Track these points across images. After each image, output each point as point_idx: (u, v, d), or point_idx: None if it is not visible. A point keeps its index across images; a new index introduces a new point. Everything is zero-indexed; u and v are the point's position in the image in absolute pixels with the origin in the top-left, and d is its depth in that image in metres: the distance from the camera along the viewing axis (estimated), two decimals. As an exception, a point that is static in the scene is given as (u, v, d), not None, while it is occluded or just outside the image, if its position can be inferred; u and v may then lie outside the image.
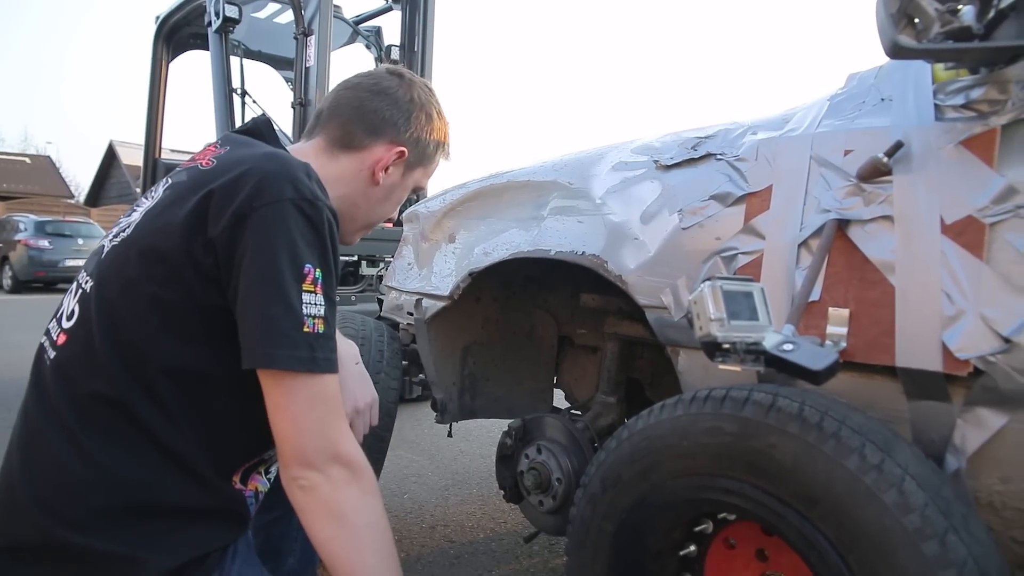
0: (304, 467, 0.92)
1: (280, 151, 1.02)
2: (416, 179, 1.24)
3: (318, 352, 0.92)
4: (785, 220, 1.14)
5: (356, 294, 3.86)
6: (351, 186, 1.17)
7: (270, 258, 0.90)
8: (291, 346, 0.90)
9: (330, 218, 0.96)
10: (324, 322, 0.93)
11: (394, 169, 1.19)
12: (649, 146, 1.43)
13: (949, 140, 0.99)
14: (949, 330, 0.93)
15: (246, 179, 0.93)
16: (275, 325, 0.90)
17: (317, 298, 0.92)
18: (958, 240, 0.95)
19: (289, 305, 0.90)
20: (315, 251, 0.93)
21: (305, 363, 0.91)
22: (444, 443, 3.29)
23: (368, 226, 1.26)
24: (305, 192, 0.94)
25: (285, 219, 0.92)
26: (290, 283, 0.90)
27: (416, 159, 1.21)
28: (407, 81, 1.21)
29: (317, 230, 0.94)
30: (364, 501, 0.96)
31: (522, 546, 2.18)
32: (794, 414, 0.93)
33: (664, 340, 1.28)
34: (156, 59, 4.94)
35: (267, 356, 0.90)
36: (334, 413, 0.95)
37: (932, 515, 0.82)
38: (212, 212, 0.93)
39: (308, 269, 0.92)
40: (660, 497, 1.08)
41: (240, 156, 1.00)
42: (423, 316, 1.79)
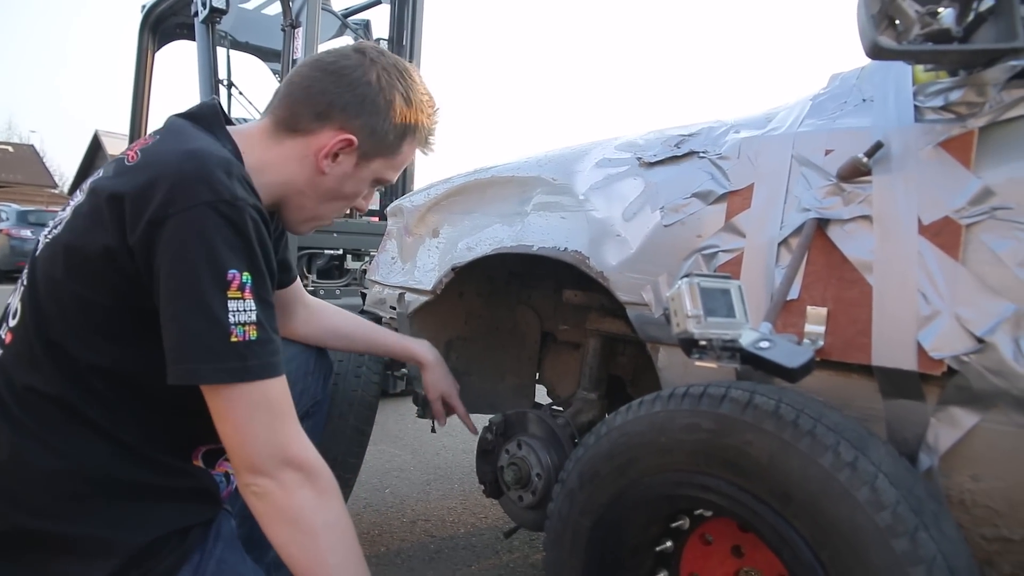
0: (254, 474, 0.90)
1: (204, 147, 0.94)
2: (376, 171, 1.13)
3: (250, 360, 0.88)
4: (766, 219, 1.14)
5: (341, 288, 3.84)
6: (294, 172, 1.08)
7: (188, 268, 0.85)
8: (216, 359, 0.86)
9: (255, 216, 0.90)
10: (257, 327, 0.88)
11: (344, 158, 1.09)
12: (633, 143, 1.44)
13: (928, 141, 1.00)
14: (924, 330, 0.94)
15: (160, 183, 0.87)
16: (197, 340, 0.86)
17: (246, 303, 0.88)
18: (935, 241, 0.96)
19: (212, 317, 0.85)
20: (239, 254, 0.88)
21: (235, 374, 0.87)
22: (426, 438, 3.28)
23: (319, 218, 1.17)
24: (223, 193, 0.87)
25: (202, 224, 0.86)
26: (211, 293, 0.85)
27: (372, 149, 1.10)
28: (369, 60, 1.09)
29: (240, 232, 0.88)
30: (320, 502, 0.93)
31: (502, 541, 2.18)
32: (770, 411, 0.94)
33: (644, 337, 1.29)
34: (142, 49, 4.90)
35: (190, 372, 0.87)
36: (280, 416, 0.92)
37: (903, 512, 0.82)
38: (128, 217, 0.88)
39: (232, 275, 0.87)
40: (637, 493, 1.09)
41: (160, 153, 0.94)
42: (406, 310, 1.79)
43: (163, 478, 0.96)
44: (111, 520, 0.93)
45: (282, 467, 0.90)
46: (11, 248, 12.27)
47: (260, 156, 1.05)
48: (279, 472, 0.90)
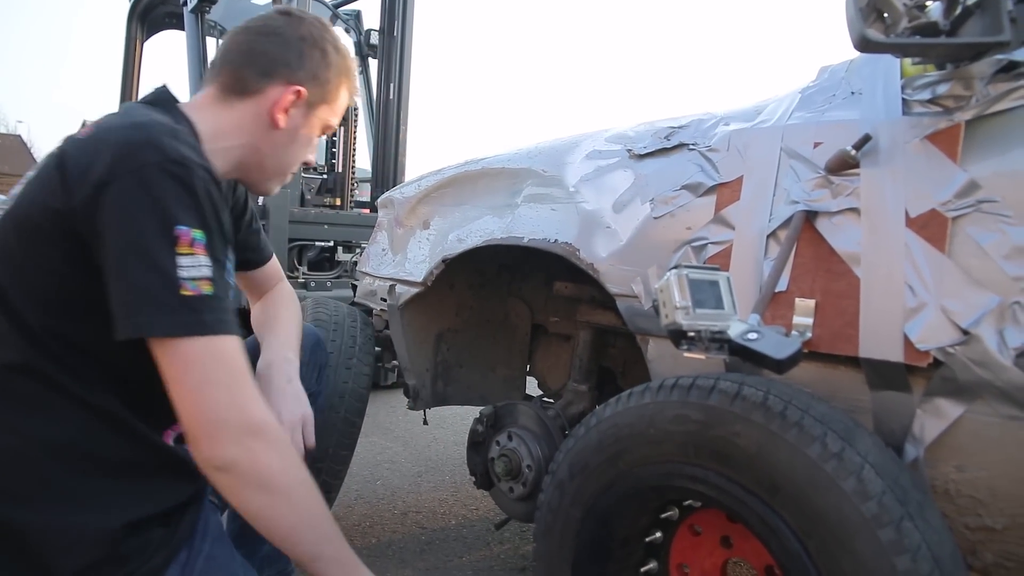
0: (216, 445, 0.88)
1: (152, 119, 0.95)
2: (323, 118, 1.18)
3: (205, 314, 0.87)
4: (755, 211, 1.15)
5: (332, 280, 3.83)
6: (251, 133, 1.11)
7: (135, 226, 0.85)
8: (169, 311, 0.85)
9: (204, 176, 0.91)
10: (211, 283, 0.88)
11: (295, 111, 1.13)
12: (623, 135, 1.44)
13: (915, 134, 1.00)
14: (911, 322, 0.95)
15: (106, 148, 0.88)
16: (147, 292, 0.85)
17: (198, 259, 0.87)
18: (922, 233, 0.97)
19: (162, 271, 0.85)
20: (190, 212, 0.88)
21: (189, 326, 0.86)
22: (418, 430, 3.29)
23: (281, 173, 1.19)
24: (170, 153, 0.88)
25: (149, 184, 0.86)
26: (160, 248, 0.85)
27: (318, 96, 1.15)
28: (296, 18, 1.16)
29: (189, 189, 0.88)
30: (286, 462, 0.92)
31: (493, 532, 2.19)
32: (758, 403, 0.94)
33: (634, 328, 1.29)
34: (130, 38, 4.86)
35: (139, 324, 0.85)
36: (237, 378, 0.90)
37: (889, 502, 0.83)
38: (73, 181, 0.88)
39: (182, 231, 0.86)
40: (627, 484, 1.09)
41: (109, 124, 0.95)
42: (396, 302, 1.79)
43: (134, 451, 0.94)
44: (81, 502, 0.91)
45: (245, 435, 0.88)
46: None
47: (214, 124, 1.08)
48: (243, 440, 0.88)
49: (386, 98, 4.09)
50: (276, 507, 0.90)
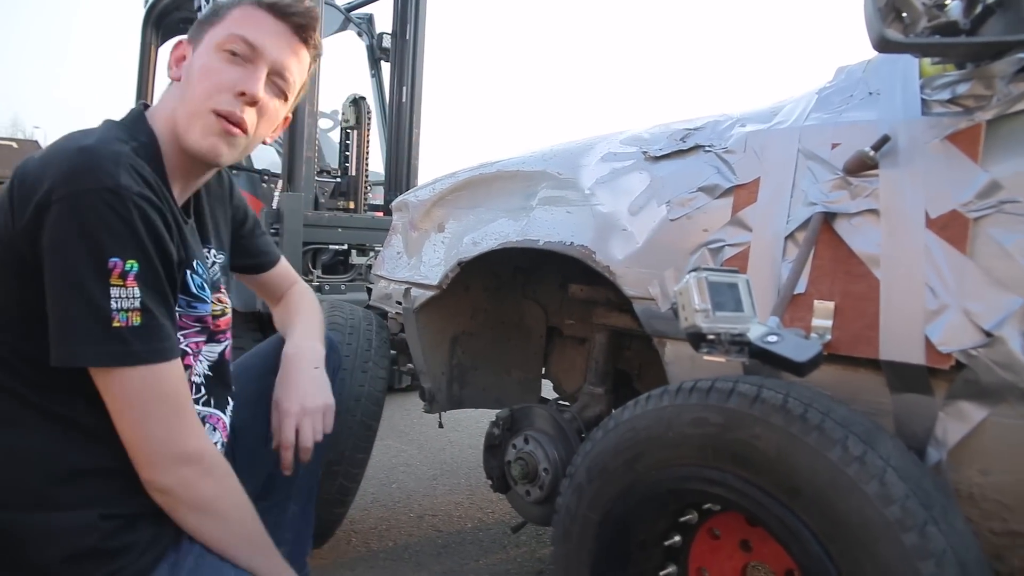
0: (154, 472, 0.93)
1: (99, 141, 0.94)
2: (211, 39, 1.07)
3: (134, 345, 0.89)
4: (772, 212, 1.14)
5: (346, 283, 3.84)
6: (167, 101, 1.08)
7: (69, 256, 0.87)
8: (96, 342, 0.88)
9: (140, 204, 0.90)
10: (140, 313, 0.89)
11: (187, 58, 1.08)
12: (638, 137, 1.44)
13: (935, 135, 1.00)
14: (932, 324, 0.94)
15: (49, 170, 0.89)
16: (77, 323, 0.88)
17: (128, 291, 0.89)
18: (942, 234, 0.96)
19: (92, 302, 0.87)
20: (122, 242, 0.89)
21: (117, 357, 0.89)
22: (433, 433, 3.29)
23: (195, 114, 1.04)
24: (106, 181, 0.88)
25: (84, 212, 0.87)
26: (92, 280, 0.87)
27: (200, 31, 1.09)
28: None
29: (124, 218, 0.88)
30: (221, 488, 0.98)
31: (509, 536, 2.18)
32: (778, 406, 0.94)
33: (651, 331, 1.29)
34: (145, 44, 4.89)
35: (71, 354, 0.88)
36: (174, 408, 0.94)
37: (912, 506, 0.83)
38: (18, 202, 0.90)
39: (114, 263, 0.88)
40: (645, 487, 1.09)
41: (57, 147, 0.95)
42: (412, 305, 1.79)
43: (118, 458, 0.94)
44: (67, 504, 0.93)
45: (179, 464, 0.93)
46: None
47: (157, 115, 1.08)
48: (177, 469, 0.93)
49: (399, 101, 4.11)
50: (210, 527, 0.97)
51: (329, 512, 1.73)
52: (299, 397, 1.23)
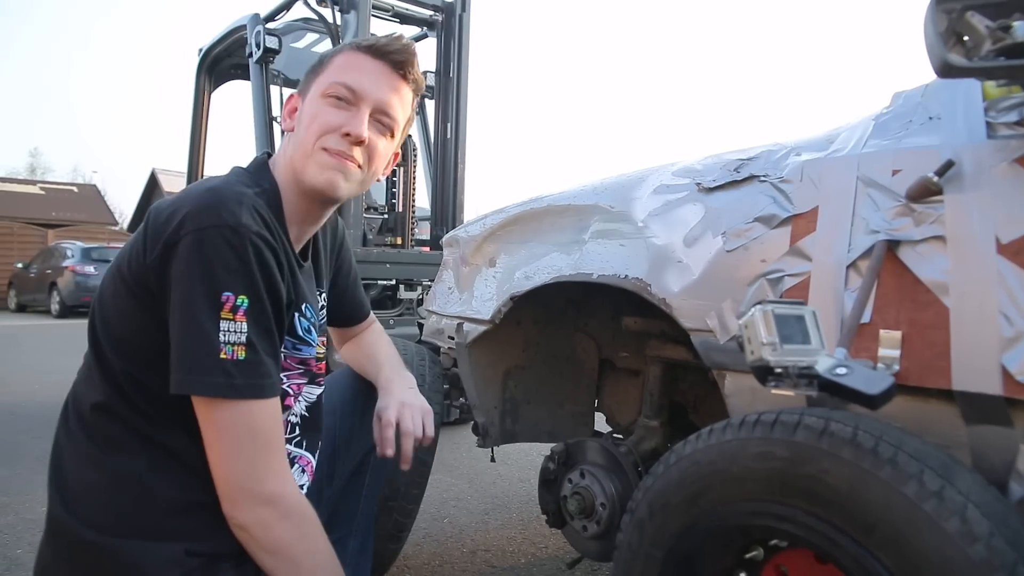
0: (232, 507, 0.96)
1: (227, 184, 1.02)
2: (317, 89, 1.13)
3: (237, 379, 0.93)
4: (832, 241, 1.12)
5: (394, 318, 3.88)
6: (286, 149, 1.15)
7: (187, 287, 0.93)
8: (204, 372, 0.92)
9: (257, 243, 0.96)
10: (245, 348, 0.94)
11: (296, 111, 1.16)
12: (691, 168, 1.43)
13: (1003, 158, 0.97)
14: (1009, 352, 0.91)
15: (178, 211, 0.96)
16: (189, 352, 0.92)
17: (236, 325, 0.93)
18: (1015, 260, 0.93)
19: (201, 333, 0.92)
20: (237, 277, 0.94)
21: (220, 388, 0.93)
22: (483, 467, 3.28)
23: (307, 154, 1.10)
24: (228, 219, 0.94)
25: (204, 247, 0.93)
26: (203, 312, 0.92)
27: (308, 82, 1.15)
28: None
29: (239, 255, 0.94)
30: (298, 534, 0.99)
31: (564, 572, 2.15)
32: (847, 439, 0.91)
33: (710, 363, 1.27)
34: (199, 90, 5.08)
35: (182, 382, 0.93)
36: (264, 447, 0.97)
37: (999, 545, 0.79)
38: (150, 239, 0.97)
39: (227, 297, 0.93)
40: (709, 523, 1.06)
41: (192, 188, 1.03)
42: (464, 340, 1.80)
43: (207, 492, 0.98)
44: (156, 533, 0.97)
45: (257, 504, 0.96)
46: (76, 284, 12.76)
47: (278, 163, 1.15)
48: (256, 509, 0.96)
49: (443, 137, 4.17)
50: (283, 570, 0.98)
51: (384, 547, 1.73)
52: (398, 401, 1.28)
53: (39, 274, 14.12)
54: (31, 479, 2.90)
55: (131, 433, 0.99)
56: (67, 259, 13.34)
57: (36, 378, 5.67)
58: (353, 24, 3.63)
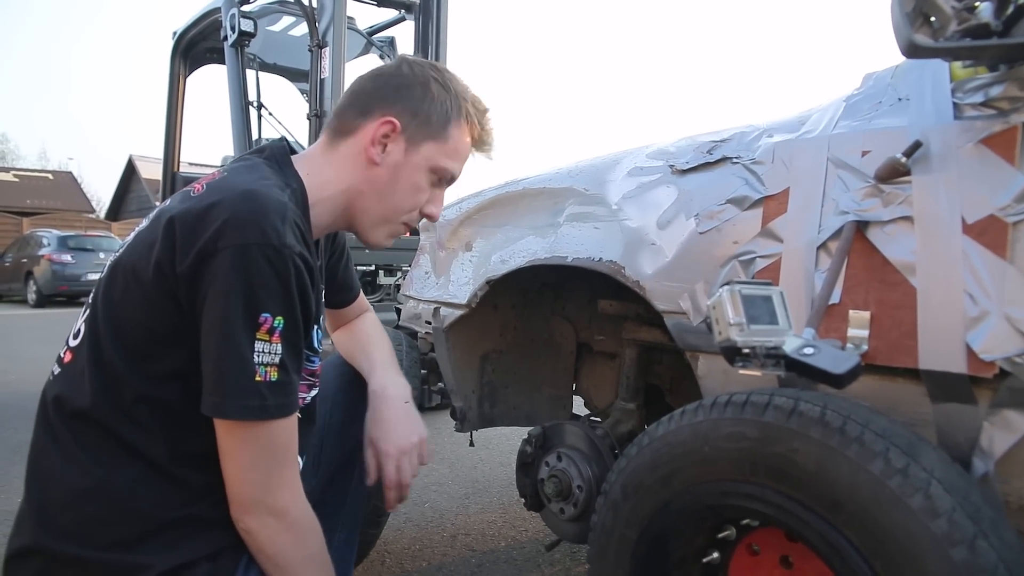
0: (242, 512, 0.96)
1: (265, 188, 0.97)
2: (429, 157, 1.11)
3: (269, 399, 0.92)
4: (803, 223, 1.13)
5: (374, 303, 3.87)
6: (351, 173, 1.10)
7: (225, 306, 0.89)
8: (240, 396, 0.91)
9: (299, 265, 0.93)
10: (278, 369, 0.92)
11: (392, 146, 1.09)
12: (664, 151, 1.43)
13: (969, 139, 0.98)
14: (973, 331, 0.92)
15: (215, 215, 0.91)
16: (226, 375, 0.91)
17: (272, 347, 0.92)
18: (980, 240, 0.94)
19: (239, 356, 0.90)
20: (276, 298, 0.91)
21: (254, 411, 0.92)
22: (464, 451, 3.29)
23: (387, 218, 1.15)
24: (271, 237, 0.90)
25: (245, 265, 0.89)
26: (241, 333, 0.89)
27: (417, 131, 1.10)
28: (408, 62, 1.14)
29: (280, 277, 0.91)
30: (298, 543, 0.99)
31: (543, 554, 2.17)
32: (816, 418, 0.92)
33: (683, 345, 1.28)
34: (173, 74, 5.00)
35: (218, 406, 0.92)
36: (280, 462, 0.97)
37: (960, 520, 0.80)
38: (180, 244, 0.92)
39: (265, 318, 0.91)
40: (682, 503, 1.07)
41: (222, 187, 0.97)
42: (441, 325, 1.80)
43: (192, 505, 0.98)
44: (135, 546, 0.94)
45: (266, 514, 0.96)
46: (52, 272, 12.58)
47: (321, 172, 1.10)
48: (262, 517, 0.96)
49: (422, 122, 4.14)
50: (278, 572, 0.99)
51: (363, 534, 1.73)
52: (396, 437, 1.24)
53: (14, 263, 13.90)
54: (7, 470, 2.87)
55: (115, 444, 0.95)
56: (43, 248, 13.14)
57: (13, 367, 5.61)
58: (329, 7, 3.59)
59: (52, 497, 0.96)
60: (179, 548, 0.96)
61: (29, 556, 0.95)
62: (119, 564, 0.93)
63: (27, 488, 0.99)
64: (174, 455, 0.97)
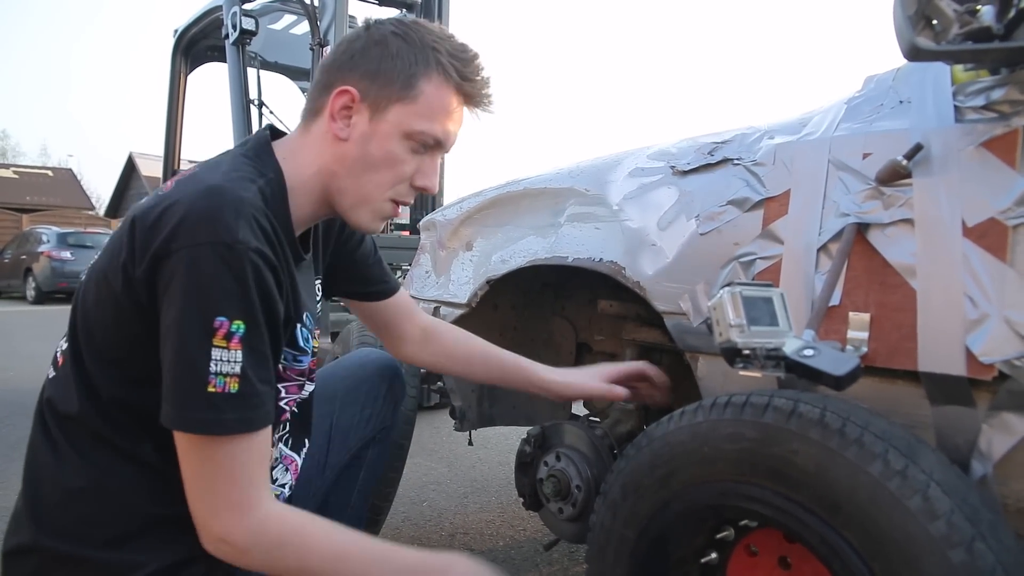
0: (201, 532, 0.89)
1: (225, 183, 0.90)
2: (399, 122, 0.99)
3: (226, 413, 0.85)
4: (804, 224, 1.13)
5: (374, 302, 3.87)
6: (322, 154, 1.02)
7: (177, 311, 0.84)
8: (192, 408, 0.85)
9: (255, 261, 0.86)
10: (239, 380, 0.85)
11: (356, 117, 1.00)
12: (665, 152, 1.43)
13: (970, 142, 0.98)
14: (973, 334, 0.92)
15: (170, 217, 0.86)
16: (177, 385, 0.85)
17: (231, 354, 0.84)
18: (980, 243, 0.94)
19: (191, 365, 0.84)
20: (233, 300, 0.85)
21: (207, 426, 0.85)
22: (462, 450, 3.29)
23: (367, 199, 1.04)
24: (223, 235, 0.84)
25: (198, 266, 0.83)
26: (194, 340, 0.84)
27: (381, 96, 0.99)
28: (368, 23, 1.03)
29: (236, 277, 0.85)
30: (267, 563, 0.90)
31: (541, 554, 2.17)
32: (815, 420, 0.92)
33: (683, 346, 1.28)
34: (175, 72, 5.02)
35: (169, 416, 0.86)
36: (232, 482, 0.88)
37: (958, 522, 0.80)
38: (138, 248, 0.88)
39: (220, 323, 0.84)
40: (681, 504, 1.08)
41: (185, 185, 0.92)
42: (441, 324, 1.79)
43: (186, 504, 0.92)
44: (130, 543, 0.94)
45: (220, 542, 0.89)
46: (52, 269, 12.59)
47: (296, 156, 1.03)
48: (218, 544, 0.89)
49: (423, 121, 4.13)
50: None
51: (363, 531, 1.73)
52: None
53: (13, 259, 13.92)
54: (6, 467, 2.87)
55: (104, 445, 0.94)
56: (43, 244, 13.15)
57: (11, 364, 5.60)
58: (331, 6, 3.59)
59: (47, 495, 0.95)
60: (174, 546, 0.95)
61: (27, 554, 0.95)
62: (115, 562, 0.93)
63: (24, 485, 0.99)
64: (163, 455, 0.93)
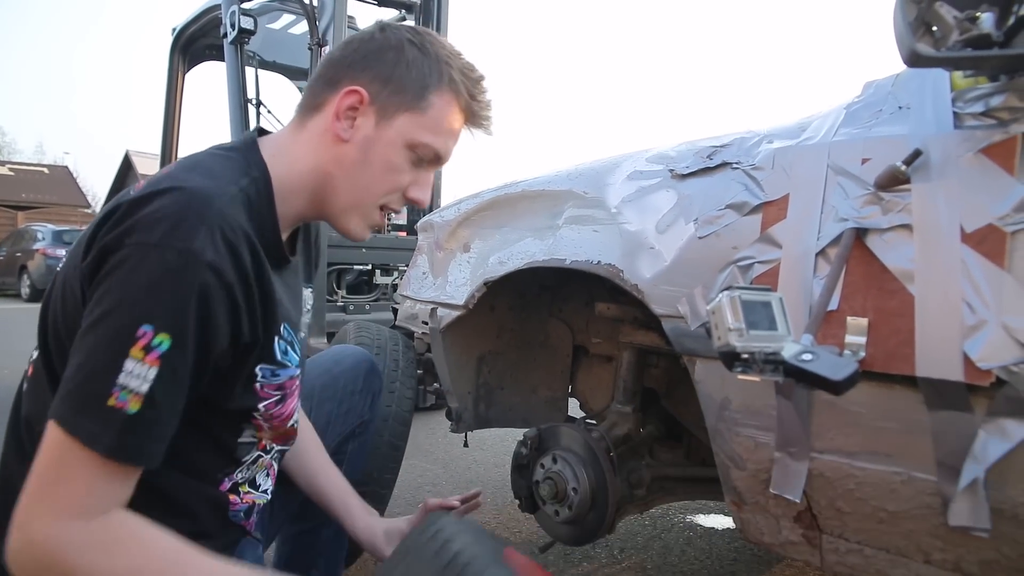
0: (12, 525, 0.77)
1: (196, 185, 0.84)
2: (404, 131, 0.97)
3: (111, 433, 0.76)
4: (802, 229, 1.13)
5: (370, 303, 3.88)
6: (319, 153, 0.98)
7: (105, 309, 0.77)
8: (86, 414, 0.76)
9: (205, 278, 0.79)
10: (141, 401, 0.76)
11: (362, 120, 0.97)
12: (664, 155, 1.43)
13: (969, 148, 0.98)
14: (970, 340, 0.92)
15: (130, 212, 0.80)
16: (80, 388, 0.77)
17: (144, 369, 0.76)
18: (978, 249, 0.94)
19: (100, 369, 0.76)
20: (165, 311, 0.77)
21: (89, 436, 0.76)
22: (458, 452, 3.28)
23: (358, 202, 1.01)
24: (177, 241, 0.77)
25: (141, 266, 0.77)
26: (112, 344, 0.76)
27: (391, 102, 0.96)
28: (383, 25, 1.01)
29: (177, 288, 0.77)
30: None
31: (537, 556, 2.16)
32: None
33: (681, 350, 1.28)
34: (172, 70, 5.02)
35: (58, 411, 0.77)
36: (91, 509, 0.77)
37: None
38: (88, 238, 0.83)
39: (144, 332, 0.76)
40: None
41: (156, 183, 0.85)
42: (438, 325, 1.79)
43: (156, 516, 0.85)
44: None
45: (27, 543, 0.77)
46: (47, 267, 12.56)
47: (287, 152, 0.98)
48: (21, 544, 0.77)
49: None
50: None
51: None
52: None
53: (8, 257, 13.88)
54: None
55: None
56: (38, 242, 13.12)
57: (5, 362, 5.59)
58: (330, 6, 3.59)
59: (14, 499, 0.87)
60: None
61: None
62: None
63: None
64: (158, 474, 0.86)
